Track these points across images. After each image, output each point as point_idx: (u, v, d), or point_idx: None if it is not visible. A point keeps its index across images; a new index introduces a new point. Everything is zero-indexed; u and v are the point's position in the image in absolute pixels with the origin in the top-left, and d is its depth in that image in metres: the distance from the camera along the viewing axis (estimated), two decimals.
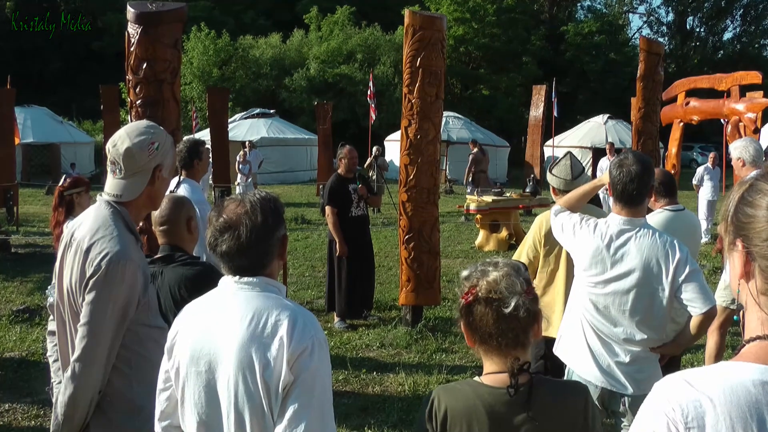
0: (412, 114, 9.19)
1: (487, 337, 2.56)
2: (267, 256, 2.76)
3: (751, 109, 14.86)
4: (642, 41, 11.71)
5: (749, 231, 1.62)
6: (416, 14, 9.29)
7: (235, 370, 2.59)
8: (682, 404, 1.54)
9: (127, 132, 3.34)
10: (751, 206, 1.62)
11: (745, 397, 1.50)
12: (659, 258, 4.23)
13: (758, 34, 64.69)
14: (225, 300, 2.72)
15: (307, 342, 2.57)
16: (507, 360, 2.54)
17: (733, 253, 1.69)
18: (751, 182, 1.67)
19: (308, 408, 2.53)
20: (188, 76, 44.78)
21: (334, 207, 9.81)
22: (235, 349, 2.60)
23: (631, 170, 4.25)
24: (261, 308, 2.64)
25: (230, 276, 2.75)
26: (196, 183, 6.70)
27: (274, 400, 2.56)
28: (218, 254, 2.72)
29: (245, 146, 25.62)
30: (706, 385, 1.55)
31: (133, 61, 7.13)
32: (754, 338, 1.62)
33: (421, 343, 9.04)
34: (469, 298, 2.56)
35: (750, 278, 1.63)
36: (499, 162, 38.12)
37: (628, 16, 68.81)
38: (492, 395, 2.54)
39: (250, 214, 2.69)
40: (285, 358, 2.54)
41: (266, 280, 2.74)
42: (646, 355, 4.36)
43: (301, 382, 2.54)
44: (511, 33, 51.76)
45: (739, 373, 1.55)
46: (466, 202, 17.72)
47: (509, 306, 2.49)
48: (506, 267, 2.58)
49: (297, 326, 2.59)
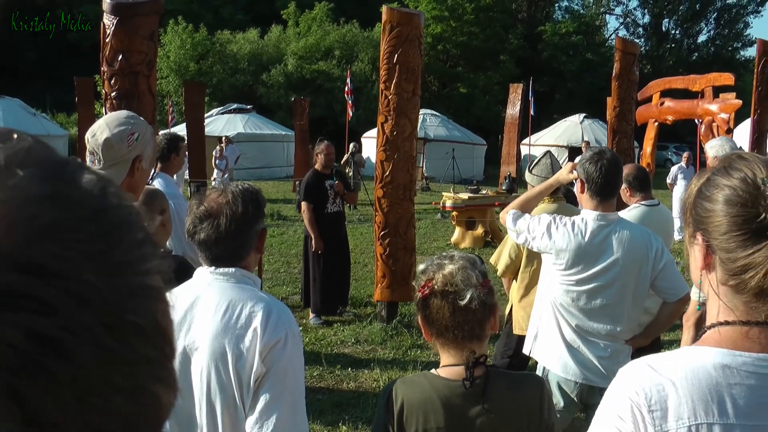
0: (388, 110, 9.18)
1: (444, 329, 2.57)
2: (245, 248, 2.76)
3: (724, 109, 14.98)
4: (618, 41, 11.80)
5: (708, 225, 1.67)
6: (394, 10, 9.28)
7: (207, 361, 2.59)
8: (645, 388, 1.60)
9: (107, 122, 3.31)
10: (709, 201, 1.67)
11: (706, 379, 1.57)
12: (639, 250, 4.30)
13: (731, 37, 65.28)
14: (200, 290, 2.71)
15: (280, 334, 2.57)
16: (463, 353, 2.56)
17: (693, 245, 1.75)
18: (708, 176, 1.72)
19: (280, 400, 2.54)
20: (165, 69, 44.50)
21: (310, 203, 9.76)
22: (208, 339, 2.60)
23: (608, 166, 4.28)
24: (235, 299, 2.63)
25: (206, 266, 2.75)
26: (170, 177, 6.67)
27: (246, 392, 2.56)
28: (196, 242, 2.73)
29: (222, 141, 25.50)
30: (669, 370, 1.62)
31: (108, 52, 7.05)
32: (715, 324, 1.67)
33: (396, 339, 9.05)
34: (425, 291, 2.58)
35: (711, 270, 1.69)
36: (475, 160, 38.23)
37: (605, 17, 69.19)
38: (448, 387, 2.57)
39: (231, 204, 2.69)
40: (258, 349, 2.54)
41: (242, 272, 2.74)
42: (622, 347, 4.43)
43: (274, 374, 2.55)
44: (489, 31, 51.88)
45: (701, 357, 1.62)
46: (442, 199, 17.74)
47: (465, 298, 2.50)
48: (462, 260, 2.60)
49: (271, 318, 2.59)
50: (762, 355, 1.60)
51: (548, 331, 4.54)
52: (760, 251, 1.57)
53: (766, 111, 12.63)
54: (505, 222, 4.74)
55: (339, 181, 9.91)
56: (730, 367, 1.59)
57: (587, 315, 4.37)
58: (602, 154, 4.37)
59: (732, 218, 1.61)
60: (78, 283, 0.61)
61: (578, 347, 4.41)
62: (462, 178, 31.59)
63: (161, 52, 43.87)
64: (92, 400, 0.62)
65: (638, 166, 6.59)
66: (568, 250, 4.33)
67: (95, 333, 0.61)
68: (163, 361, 0.69)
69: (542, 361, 4.60)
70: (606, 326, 4.35)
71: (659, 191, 14.05)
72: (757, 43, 12.53)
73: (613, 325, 4.35)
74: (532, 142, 32.83)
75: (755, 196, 1.58)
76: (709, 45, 66.12)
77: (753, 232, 1.58)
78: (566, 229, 4.35)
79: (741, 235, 1.59)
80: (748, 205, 1.59)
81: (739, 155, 1.71)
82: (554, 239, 4.37)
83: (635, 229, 4.42)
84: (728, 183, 1.63)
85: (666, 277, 4.34)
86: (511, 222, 4.64)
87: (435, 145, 35.19)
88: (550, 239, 4.39)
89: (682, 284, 4.39)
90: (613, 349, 4.38)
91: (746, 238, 1.59)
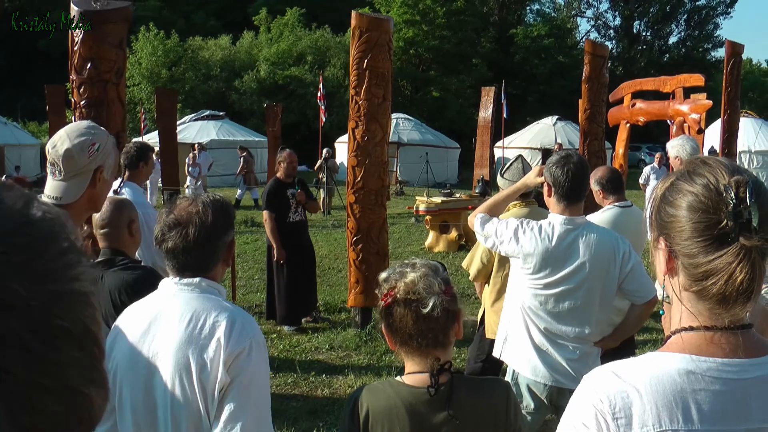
0: (359, 116, 9.17)
1: (408, 338, 2.57)
2: (212, 259, 2.75)
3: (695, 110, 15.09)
4: (587, 44, 11.85)
5: (671, 230, 1.68)
6: (363, 16, 9.27)
7: (171, 372, 2.57)
8: (609, 395, 1.61)
9: (68, 133, 3.28)
10: (672, 206, 1.69)
11: (670, 386, 1.58)
12: (607, 252, 4.32)
13: (702, 38, 65.94)
14: (165, 302, 2.70)
15: (244, 343, 2.56)
16: (428, 360, 2.55)
17: (657, 249, 1.75)
18: (672, 181, 1.73)
19: (245, 409, 2.53)
20: (137, 77, 44.35)
21: (272, 212, 9.68)
22: (172, 350, 2.58)
23: (575, 169, 4.30)
24: (199, 309, 2.62)
25: (171, 277, 2.74)
26: (138, 186, 6.62)
27: (210, 402, 2.55)
28: (164, 250, 2.71)
29: (195, 148, 25.40)
30: (633, 376, 1.62)
31: (76, 60, 7.00)
32: (679, 330, 1.69)
33: (370, 344, 9.03)
34: (388, 300, 2.58)
35: (674, 275, 1.70)
36: (449, 163, 38.33)
37: (576, 20, 69.60)
38: (412, 395, 2.56)
39: (201, 214, 2.68)
40: (222, 359, 2.52)
41: (207, 282, 2.73)
42: (591, 349, 4.45)
43: (238, 384, 2.53)
44: (461, 35, 52.11)
45: (665, 363, 1.63)
46: (415, 203, 17.75)
47: (427, 306, 2.49)
48: (424, 267, 2.60)
49: (235, 327, 2.58)
50: (726, 360, 1.61)
51: (517, 335, 4.54)
52: (722, 257, 1.58)
53: (735, 111, 12.78)
54: (473, 226, 4.74)
55: (301, 190, 9.84)
56: (694, 372, 1.60)
57: (555, 318, 4.38)
58: (569, 158, 4.38)
59: (694, 224, 1.62)
60: (3, 291, 0.65)
61: (547, 350, 4.41)
62: (436, 181, 31.70)
63: (133, 59, 43.72)
64: (22, 401, 0.66)
65: (612, 168, 6.62)
66: (536, 255, 4.33)
67: (23, 338, 0.66)
68: (93, 363, 0.74)
69: (512, 364, 4.61)
70: (574, 329, 4.36)
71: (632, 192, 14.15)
72: (726, 45, 12.65)
73: (582, 327, 4.37)
74: (505, 145, 32.94)
75: (717, 203, 1.59)
76: (680, 46, 66.72)
77: (715, 238, 1.59)
78: (533, 233, 4.36)
79: (703, 241, 1.60)
80: (710, 211, 1.60)
81: (703, 160, 1.71)
82: (521, 243, 4.37)
83: (602, 232, 4.43)
84: (691, 189, 1.65)
85: (633, 279, 4.35)
86: (479, 226, 4.64)
87: (408, 149, 35.23)
88: (517, 243, 4.39)
89: (650, 286, 4.39)
90: (582, 352, 4.40)
91: (708, 244, 1.60)
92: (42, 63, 50.58)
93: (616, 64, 59.12)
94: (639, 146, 46.18)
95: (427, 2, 50.49)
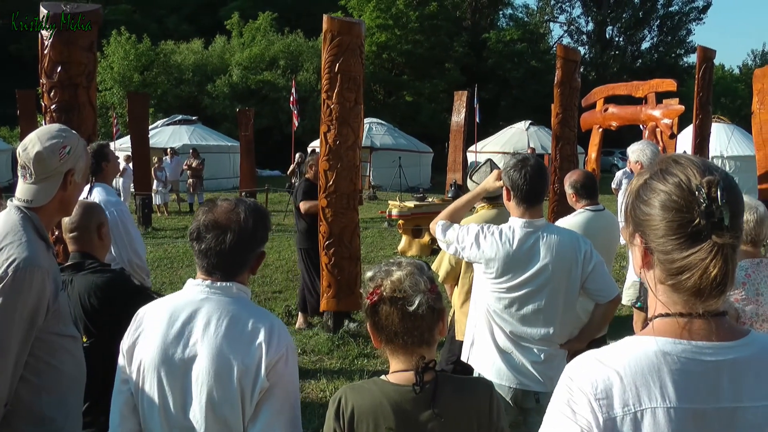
0: (331, 119, 9.16)
1: (393, 336, 2.59)
2: (243, 266, 2.79)
3: (667, 115, 15.24)
4: (559, 48, 11.88)
5: (646, 228, 1.75)
6: (334, 20, 9.27)
7: (212, 375, 2.61)
8: (592, 380, 1.69)
9: (38, 135, 3.26)
10: (647, 205, 1.75)
11: (647, 366, 1.68)
12: (568, 253, 4.36)
13: (674, 44, 66.38)
14: (196, 304, 2.72)
15: (282, 349, 2.63)
16: (412, 358, 2.59)
17: (633, 245, 1.83)
18: (646, 179, 1.80)
19: (281, 414, 2.61)
20: (109, 81, 44.06)
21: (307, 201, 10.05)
22: (212, 353, 2.62)
23: (532, 172, 4.34)
24: (237, 314, 2.68)
25: (199, 279, 2.77)
26: (108, 185, 6.57)
27: (248, 406, 2.60)
28: (196, 249, 2.73)
29: (167, 153, 25.30)
30: (614, 360, 1.71)
31: (47, 64, 6.96)
32: (656, 316, 1.77)
33: (342, 348, 9.04)
34: (374, 298, 2.60)
35: (650, 268, 1.78)
36: (422, 168, 38.40)
37: (549, 25, 69.83)
38: (398, 393, 2.58)
39: (241, 222, 2.71)
40: (264, 365, 2.58)
41: (238, 286, 2.76)
42: (556, 352, 4.48)
43: (276, 389, 2.60)
44: (434, 39, 52.19)
45: (643, 346, 1.72)
46: (388, 207, 17.75)
47: (413, 304, 2.53)
48: (410, 266, 2.63)
49: (274, 333, 2.65)
50: (701, 342, 1.70)
51: (482, 338, 4.57)
52: (696, 254, 1.65)
53: (707, 116, 12.87)
54: (435, 233, 4.77)
55: None
56: (670, 354, 1.68)
57: (520, 321, 4.40)
58: (526, 161, 4.41)
59: (668, 223, 1.69)
60: None
61: (512, 353, 4.44)
62: (409, 186, 31.73)
63: (105, 63, 43.44)
64: None
65: (587, 172, 6.68)
66: (497, 259, 4.36)
67: None
68: None
69: (477, 368, 4.62)
70: (539, 330, 4.39)
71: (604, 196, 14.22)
72: (698, 50, 12.75)
73: (546, 329, 4.39)
74: (478, 150, 33.08)
75: (690, 201, 1.66)
76: (653, 52, 67.16)
77: (688, 236, 1.66)
78: (494, 238, 4.38)
79: (677, 239, 1.68)
80: (683, 210, 1.67)
81: (674, 159, 1.77)
82: (483, 249, 4.40)
83: (563, 233, 4.46)
84: (664, 188, 1.71)
85: (595, 279, 4.40)
86: (441, 233, 4.67)
87: (381, 153, 35.25)
88: (479, 249, 4.42)
89: (612, 285, 4.47)
90: (547, 354, 4.42)
91: (682, 241, 1.67)
92: (13, 67, 50.11)
93: (589, 69, 59.47)
94: (612, 151, 46.41)
95: (400, 6, 50.52)
